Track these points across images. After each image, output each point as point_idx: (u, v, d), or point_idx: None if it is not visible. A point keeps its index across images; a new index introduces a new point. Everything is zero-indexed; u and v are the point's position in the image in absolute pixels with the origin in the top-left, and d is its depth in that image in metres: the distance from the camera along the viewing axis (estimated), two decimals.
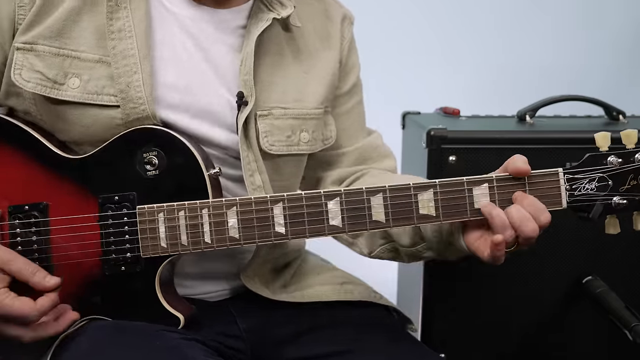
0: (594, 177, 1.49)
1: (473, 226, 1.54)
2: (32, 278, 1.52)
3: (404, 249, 1.70)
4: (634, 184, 1.48)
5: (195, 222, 1.54)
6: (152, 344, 1.50)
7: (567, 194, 1.49)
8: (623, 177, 1.49)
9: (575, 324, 2.18)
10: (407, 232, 1.67)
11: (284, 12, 1.70)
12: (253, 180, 1.65)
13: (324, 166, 1.84)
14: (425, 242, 1.65)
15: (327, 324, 1.73)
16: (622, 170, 1.49)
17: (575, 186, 1.49)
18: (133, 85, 1.58)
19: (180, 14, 1.67)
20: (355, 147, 1.85)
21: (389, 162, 1.89)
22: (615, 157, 1.49)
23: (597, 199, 1.49)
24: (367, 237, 1.77)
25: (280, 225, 1.53)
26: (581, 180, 1.49)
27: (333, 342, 1.69)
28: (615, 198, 1.49)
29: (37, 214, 1.58)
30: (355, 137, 1.86)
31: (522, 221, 1.47)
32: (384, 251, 1.76)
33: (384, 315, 1.82)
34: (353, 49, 1.88)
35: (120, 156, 1.58)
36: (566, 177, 1.49)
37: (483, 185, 1.50)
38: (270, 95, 1.70)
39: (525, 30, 3.49)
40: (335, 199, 1.52)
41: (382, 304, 1.84)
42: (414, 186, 1.51)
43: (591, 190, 1.49)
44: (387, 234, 1.72)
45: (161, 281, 1.58)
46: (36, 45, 1.59)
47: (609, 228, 1.53)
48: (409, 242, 1.68)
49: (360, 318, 1.76)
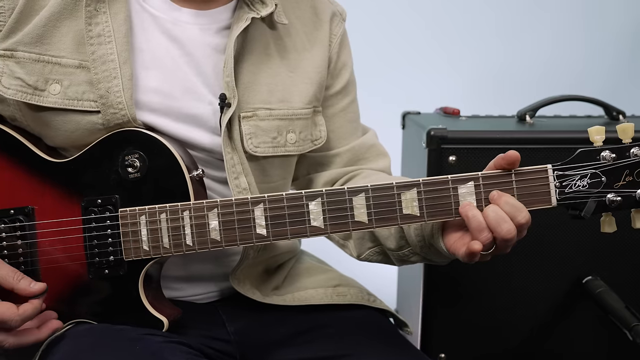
0: (586, 174, 1.44)
1: (453, 227, 1.51)
2: (17, 285, 1.54)
3: (391, 252, 1.68)
4: (629, 180, 1.43)
5: (176, 225, 1.53)
6: (133, 348, 1.50)
7: (556, 191, 1.44)
8: (618, 173, 1.44)
9: (575, 324, 2.19)
10: (393, 236, 1.64)
11: (264, 10, 1.68)
12: (238, 183, 1.64)
13: (316, 167, 1.83)
14: (410, 247, 1.62)
15: (317, 327, 1.72)
16: (616, 165, 1.44)
17: (565, 183, 1.44)
18: (112, 91, 1.58)
19: (162, 17, 1.66)
20: (348, 147, 1.82)
21: (383, 161, 1.86)
22: (609, 153, 1.44)
23: (590, 196, 1.45)
24: (356, 240, 1.75)
25: (262, 227, 1.51)
26: (572, 176, 1.44)
27: (323, 346, 1.68)
28: (609, 195, 1.44)
29: (22, 218, 1.58)
30: (349, 138, 1.84)
31: (498, 222, 1.43)
32: (373, 254, 1.73)
33: (378, 319, 1.79)
34: (344, 47, 1.85)
35: (102, 159, 1.58)
36: (556, 174, 1.44)
37: (468, 183, 1.46)
38: (254, 96, 1.68)
39: (525, 30, 3.51)
40: (317, 200, 1.50)
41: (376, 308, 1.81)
42: (397, 185, 1.48)
43: (583, 187, 1.44)
44: (375, 237, 1.70)
45: (145, 284, 1.58)
46: (16, 52, 1.60)
47: (605, 226, 1.49)
48: (395, 246, 1.65)
49: (352, 321, 1.75)
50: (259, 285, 1.75)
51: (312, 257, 1.94)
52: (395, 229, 1.63)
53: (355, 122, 1.88)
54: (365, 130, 1.89)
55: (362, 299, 1.80)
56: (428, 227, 1.55)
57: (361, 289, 1.84)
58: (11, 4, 1.60)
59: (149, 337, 1.53)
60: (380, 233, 1.66)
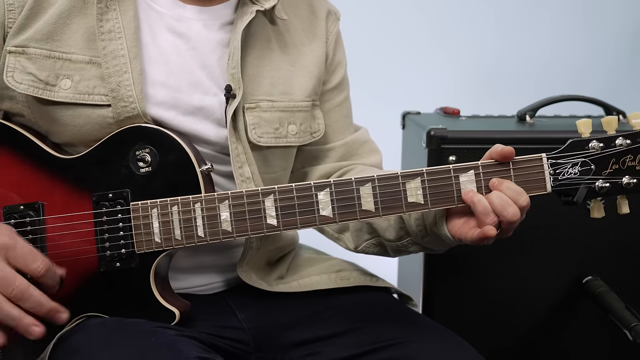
0: (577, 162, 1.55)
1: (456, 214, 1.60)
2: None
3: (389, 243, 1.75)
4: (616, 167, 1.54)
5: (188, 217, 1.59)
6: (147, 341, 1.54)
7: (551, 179, 1.55)
8: (605, 161, 1.55)
9: (575, 324, 2.22)
10: (393, 227, 1.72)
11: (268, 4, 1.75)
12: (242, 172, 1.71)
13: (311, 161, 1.90)
14: (410, 237, 1.70)
15: (326, 309, 1.78)
16: (604, 154, 1.55)
17: (558, 171, 1.55)
18: (123, 85, 1.64)
19: (168, 14, 1.73)
20: (342, 142, 1.90)
21: (375, 158, 1.94)
22: (596, 142, 1.55)
23: (581, 182, 1.55)
24: (353, 232, 1.83)
25: (272, 217, 1.58)
26: (564, 165, 1.55)
27: (335, 323, 1.74)
28: (598, 182, 1.55)
29: (32, 213, 1.63)
30: (343, 133, 1.92)
31: (504, 206, 1.53)
32: (370, 246, 1.82)
33: (383, 296, 1.86)
34: (339, 44, 1.94)
35: (113, 154, 1.64)
36: (550, 162, 1.55)
37: (469, 172, 1.56)
38: (257, 88, 1.76)
39: (525, 30, 3.52)
40: (325, 190, 1.57)
41: (380, 287, 1.88)
42: (402, 175, 1.56)
43: (574, 174, 1.55)
44: (373, 229, 1.77)
45: (156, 277, 1.62)
46: (27, 48, 1.65)
47: (594, 212, 1.59)
48: (395, 236, 1.73)
49: (359, 301, 1.81)
50: (264, 277, 1.81)
51: (311, 249, 2.01)
52: (395, 220, 1.71)
53: (349, 118, 1.96)
54: (357, 128, 1.97)
55: (366, 280, 1.86)
56: (430, 215, 1.63)
57: (363, 271, 1.90)
58: (21, 1, 1.66)
59: (162, 330, 1.58)
60: (379, 224, 1.74)
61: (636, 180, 1.55)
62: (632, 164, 1.54)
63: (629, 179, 1.55)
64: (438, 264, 2.20)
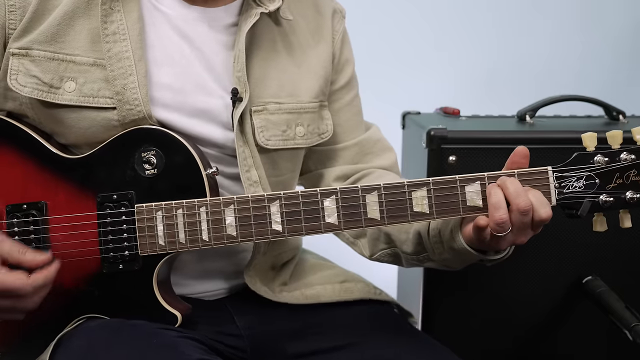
0: (582, 176, 1.59)
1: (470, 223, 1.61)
2: (24, 257, 1.59)
3: (406, 255, 1.79)
4: (620, 182, 1.59)
5: (193, 220, 1.63)
6: (149, 342, 1.59)
7: (556, 192, 1.60)
8: (609, 175, 1.59)
9: (575, 324, 2.26)
10: (410, 241, 1.75)
11: (272, 5, 1.78)
12: (249, 176, 1.75)
13: (324, 162, 1.93)
14: (427, 253, 1.73)
15: (327, 320, 1.83)
16: (608, 168, 1.59)
17: (564, 184, 1.59)
18: (129, 87, 1.67)
19: (172, 15, 1.76)
20: (354, 141, 1.94)
21: (390, 156, 1.98)
22: (601, 156, 1.59)
23: (585, 196, 1.59)
24: (370, 240, 1.86)
25: (277, 223, 1.62)
26: (569, 178, 1.59)
27: (335, 337, 1.78)
28: (602, 196, 1.59)
29: (35, 212, 1.67)
30: (355, 131, 1.95)
31: (518, 193, 1.55)
32: (385, 255, 1.85)
33: (384, 310, 1.91)
34: (346, 43, 1.97)
35: (118, 156, 1.68)
36: (555, 175, 1.60)
37: (475, 183, 1.60)
38: (264, 91, 1.79)
39: (525, 30, 3.55)
40: (331, 197, 1.61)
41: (382, 300, 1.93)
42: (408, 184, 1.60)
43: (579, 188, 1.59)
44: (391, 239, 1.80)
45: (159, 279, 1.67)
46: (31, 50, 1.69)
47: (597, 225, 1.63)
48: (412, 250, 1.76)
49: (361, 314, 1.86)
50: (268, 283, 1.85)
51: (314, 254, 2.05)
52: (413, 235, 1.73)
53: (360, 116, 2.00)
54: (368, 126, 2.00)
55: (369, 293, 1.92)
56: (447, 232, 1.66)
57: (367, 283, 1.95)
58: (22, 2, 1.69)
59: (164, 332, 1.62)
60: (398, 237, 1.77)
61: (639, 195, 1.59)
62: (636, 179, 1.59)
63: (632, 193, 1.59)
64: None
